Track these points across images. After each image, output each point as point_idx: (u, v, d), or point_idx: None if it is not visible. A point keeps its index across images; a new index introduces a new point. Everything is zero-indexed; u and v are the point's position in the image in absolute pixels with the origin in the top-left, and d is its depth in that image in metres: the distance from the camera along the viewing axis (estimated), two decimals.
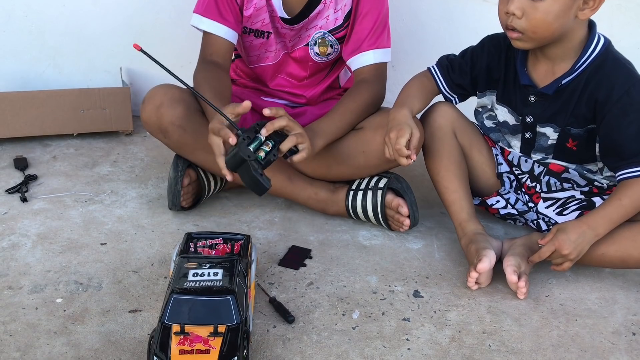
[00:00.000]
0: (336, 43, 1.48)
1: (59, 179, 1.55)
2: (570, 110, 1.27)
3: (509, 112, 1.36)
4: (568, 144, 1.31)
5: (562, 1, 1.14)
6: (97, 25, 1.83)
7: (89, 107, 1.73)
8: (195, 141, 1.36)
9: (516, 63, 1.31)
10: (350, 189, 1.42)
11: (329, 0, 1.43)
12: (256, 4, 1.43)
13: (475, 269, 1.21)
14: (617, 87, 1.21)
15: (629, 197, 1.20)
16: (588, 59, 1.23)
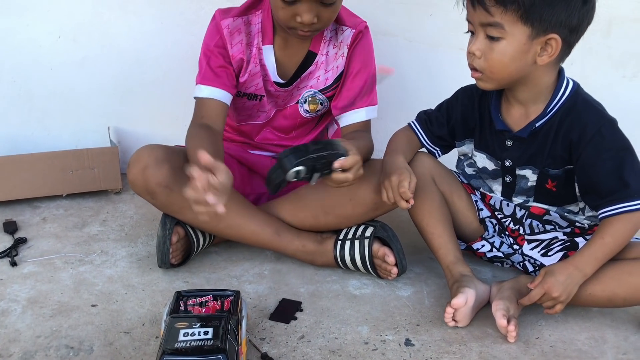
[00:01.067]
0: (326, 101, 1.54)
1: (49, 240, 1.55)
2: (546, 151, 1.31)
3: (487, 158, 1.40)
4: (547, 185, 1.34)
5: (516, 45, 1.20)
6: (85, 86, 1.86)
7: (77, 167, 1.75)
8: (182, 200, 1.37)
9: (490, 109, 1.36)
10: (337, 239, 1.44)
11: (320, 62, 1.49)
12: (251, 70, 1.48)
13: (451, 303, 1.23)
14: (589, 127, 1.25)
15: (612, 236, 1.23)
16: (559, 101, 1.28)
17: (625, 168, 1.23)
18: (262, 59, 1.48)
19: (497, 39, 1.20)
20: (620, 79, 1.92)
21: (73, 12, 1.78)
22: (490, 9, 1.18)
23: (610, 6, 1.81)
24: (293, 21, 1.34)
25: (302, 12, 1.31)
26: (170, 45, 1.83)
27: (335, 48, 1.49)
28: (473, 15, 1.22)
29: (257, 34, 1.47)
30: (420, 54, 1.87)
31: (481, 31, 1.22)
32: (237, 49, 1.46)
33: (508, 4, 1.16)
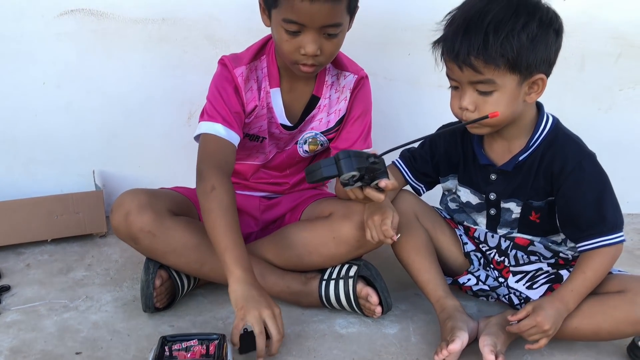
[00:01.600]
0: (327, 142, 1.57)
1: (33, 287, 1.55)
2: (529, 184, 1.34)
3: (471, 192, 1.42)
4: (531, 217, 1.37)
5: (509, 92, 1.23)
6: (69, 131, 1.88)
7: (62, 212, 1.75)
8: (165, 245, 1.39)
9: (473, 145, 1.39)
10: (322, 279, 1.45)
11: (323, 105, 1.53)
12: (257, 112, 1.50)
13: (447, 347, 1.23)
14: (570, 160, 1.29)
15: (592, 270, 1.26)
16: (541, 135, 1.32)
17: (604, 202, 1.27)
18: (269, 102, 1.50)
19: (489, 92, 1.23)
20: (596, 112, 1.97)
21: (57, 59, 1.80)
22: (480, 68, 1.20)
23: (584, 41, 1.87)
24: (297, 54, 1.36)
25: (306, 43, 1.34)
26: (153, 88, 1.85)
27: (337, 92, 1.53)
28: (460, 75, 1.24)
29: (264, 78, 1.50)
30: (399, 92, 1.91)
31: (470, 87, 1.24)
32: (250, 96, 1.47)
33: (498, 61, 1.19)
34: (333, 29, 1.34)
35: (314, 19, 1.31)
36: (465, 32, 1.20)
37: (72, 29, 1.78)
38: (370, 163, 1.14)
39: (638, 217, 2.04)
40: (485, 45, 1.18)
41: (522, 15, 1.19)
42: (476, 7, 1.22)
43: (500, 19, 1.19)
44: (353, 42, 1.84)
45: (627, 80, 1.94)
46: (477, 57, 1.19)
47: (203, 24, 1.80)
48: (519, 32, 1.18)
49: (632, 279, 1.29)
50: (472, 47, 1.19)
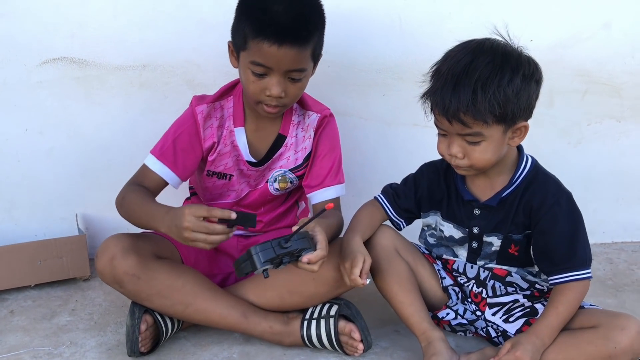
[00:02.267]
0: (296, 179, 1.62)
1: (17, 334, 1.55)
2: (510, 218, 1.41)
3: (454, 227, 1.48)
4: (510, 250, 1.44)
5: (495, 141, 1.31)
6: (52, 175, 1.90)
7: (45, 257, 1.77)
8: (150, 288, 1.42)
9: (456, 182, 1.46)
10: (304, 319, 1.48)
11: (290, 143, 1.59)
12: (220, 150, 1.57)
13: None
14: (549, 197, 1.37)
15: (564, 305, 1.32)
16: (522, 173, 1.40)
17: (576, 239, 1.35)
18: (233, 140, 1.57)
19: (477, 142, 1.30)
20: (566, 146, 2.04)
21: (40, 106, 1.84)
22: (469, 123, 1.28)
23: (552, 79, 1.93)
24: (262, 95, 1.44)
25: (272, 86, 1.42)
26: (135, 132, 1.89)
27: (303, 131, 1.59)
28: (449, 127, 1.31)
29: (229, 117, 1.57)
30: (376, 130, 1.96)
31: (458, 137, 1.32)
32: (208, 133, 1.55)
33: (487, 117, 1.26)
34: (297, 73, 1.42)
35: (280, 63, 1.39)
36: (454, 88, 1.27)
37: (54, 76, 1.82)
38: (283, 249, 1.23)
39: (610, 247, 2.10)
40: (474, 102, 1.25)
41: (507, 72, 1.27)
42: (462, 62, 1.29)
43: (487, 76, 1.26)
44: (330, 85, 1.92)
45: (594, 115, 2.02)
46: (466, 113, 1.26)
47: (183, 69, 1.84)
48: (505, 88, 1.26)
49: (604, 314, 1.35)
50: (461, 104, 1.26)
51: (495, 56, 1.28)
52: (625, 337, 1.27)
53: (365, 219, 1.52)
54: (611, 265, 1.97)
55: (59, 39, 1.79)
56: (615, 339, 1.27)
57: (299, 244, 1.26)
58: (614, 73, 1.97)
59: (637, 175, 2.08)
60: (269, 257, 1.23)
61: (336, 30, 1.85)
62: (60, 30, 1.78)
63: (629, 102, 2.00)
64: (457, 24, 1.85)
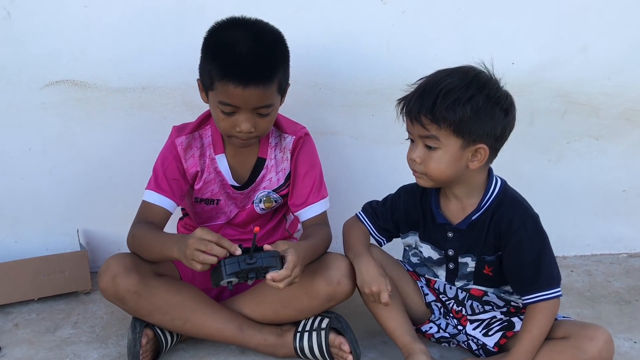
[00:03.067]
0: (279, 198, 1.70)
1: (22, 348, 1.62)
2: (482, 241, 1.48)
3: (432, 248, 1.56)
4: (485, 271, 1.51)
5: (450, 154, 1.39)
6: (54, 193, 1.97)
7: (48, 272, 1.84)
8: (150, 304, 1.49)
9: (431, 205, 1.53)
10: (296, 331, 1.56)
11: (270, 165, 1.66)
12: (205, 178, 1.64)
13: None
14: (515, 220, 1.44)
15: (537, 328, 1.41)
16: (490, 197, 1.47)
17: (542, 260, 1.42)
18: (216, 167, 1.64)
19: (434, 148, 1.39)
20: (546, 163, 2.13)
21: (43, 127, 1.91)
22: (426, 125, 1.37)
23: (532, 100, 2.04)
24: (233, 130, 1.50)
25: (240, 122, 1.49)
26: (134, 151, 1.96)
27: (280, 152, 1.67)
28: (412, 128, 1.42)
29: (208, 146, 1.64)
30: (364, 149, 2.05)
31: (420, 141, 1.41)
32: (191, 162, 1.63)
33: (441, 122, 1.36)
34: (265, 109, 1.50)
35: (247, 102, 1.46)
36: (421, 94, 1.39)
37: (57, 98, 1.89)
38: (248, 265, 1.33)
39: (589, 259, 2.19)
40: (433, 106, 1.35)
41: (472, 89, 1.36)
42: (438, 76, 1.40)
43: (452, 88, 1.36)
44: (321, 105, 2.00)
45: (573, 133, 2.10)
46: (425, 116, 1.37)
47: (180, 91, 1.92)
48: (465, 102, 1.35)
49: (575, 326, 1.43)
50: (422, 107, 1.37)
51: (467, 76, 1.38)
52: (594, 347, 1.35)
53: (360, 238, 1.59)
54: (589, 277, 2.06)
55: (62, 63, 1.87)
56: (584, 349, 1.35)
57: (266, 262, 1.33)
58: (591, 94, 2.05)
59: (614, 190, 2.17)
60: (233, 271, 1.32)
61: (327, 53, 1.95)
62: (63, 54, 1.86)
63: (606, 122, 2.08)
64: (443, 48, 1.94)
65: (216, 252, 1.32)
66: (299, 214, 1.67)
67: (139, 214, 1.61)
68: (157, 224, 1.59)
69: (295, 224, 1.85)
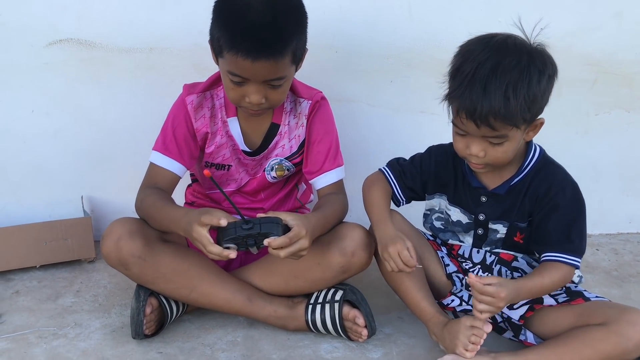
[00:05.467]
0: (292, 167, 1.61)
1: (22, 315, 1.56)
2: (517, 206, 1.42)
3: (461, 212, 1.48)
4: (515, 238, 1.44)
5: (517, 139, 1.32)
6: (58, 157, 1.90)
7: (51, 239, 1.77)
8: (155, 270, 1.42)
9: (464, 168, 1.46)
10: (308, 304, 1.48)
11: (284, 132, 1.57)
12: (217, 142, 1.55)
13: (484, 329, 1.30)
14: (555, 185, 1.38)
15: (550, 278, 1.34)
16: (530, 162, 1.41)
17: (575, 227, 1.37)
18: (228, 131, 1.56)
19: (499, 143, 1.30)
20: (573, 136, 2.03)
21: (46, 88, 1.83)
22: (497, 127, 1.26)
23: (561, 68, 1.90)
24: (243, 101, 1.42)
25: (250, 93, 1.39)
26: (141, 115, 1.88)
27: (295, 118, 1.57)
28: (474, 130, 1.29)
29: (220, 107, 1.55)
30: (383, 117, 1.95)
31: (481, 138, 1.31)
32: (201, 123, 1.54)
33: (519, 123, 1.27)
34: (276, 81, 1.40)
35: (257, 75, 1.36)
36: (484, 92, 1.24)
37: (61, 58, 1.81)
38: (244, 231, 1.25)
39: (615, 238, 2.10)
40: (506, 107, 1.23)
41: (535, 74, 1.26)
42: (488, 63, 1.25)
43: (517, 78, 1.24)
44: (338, 71, 1.91)
45: (602, 105, 2.00)
46: (497, 118, 1.25)
47: (190, 52, 1.83)
48: (534, 90, 1.26)
49: (612, 309, 1.34)
50: (492, 109, 1.24)
51: (521, 57, 1.26)
52: (637, 332, 1.27)
53: (383, 198, 1.50)
54: (616, 256, 1.97)
55: (66, 21, 1.78)
56: (627, 335, 1.27)
57: (265, 228, 1.26)
58: (624, 63, 1.95)
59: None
60: (229, 236, 1.25)
61: (344, 15, 1.86)
62: (67, 12, 1.77)
63: (639, 93, 1.98)
64: (468, 13, 1.84)
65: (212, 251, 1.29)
66: (314, 182, 1.59)
67: (146, 177, 1.54)
68: (165, 189, 1.52)
69: (308, 194, 1.77)
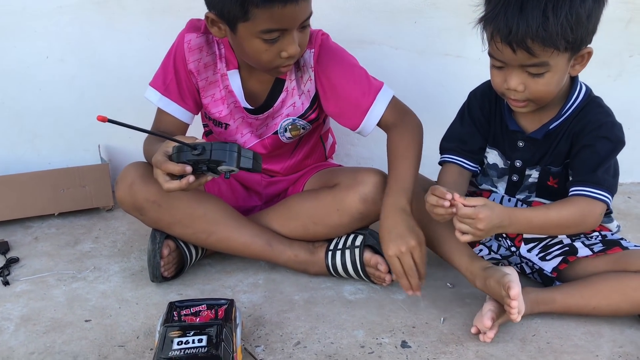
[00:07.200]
0: (307, 125, 1.49)
1: (41, 259, 1.55)
2: (553, 150, 1.32)
3: (499, 155, 1.40)
4: (549, 182, 1.35)
5: (560, 72, 1.19)
6: (74, 105, 1.87)
7: (68, 186, 1.75)
8: (171, 216, 1.38)
9: (503, 110, 1.37)
10: (328, 249, 1.44)
11: (291, 88, 1.43)
12: (214, 94, 1.44)
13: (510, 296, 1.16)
14: (592, 122, 1.27)
15: (557, 214, 1.22)
16: (573, 104, 1.29)
17: (605, 162, 1.24)
18: (228, 85, 1.43)
19: (540, 74, 1.18)
20: (605, 79, 1.94)
21: (60, 33, 1.79)
22: (536, 51, 1.14)
23: None
24: (278, 59, 1.28)
25: (288, 46, 1.26)
26: (157, 61, 1.80)
27: (300, 72, 1.42)
28: (511, 57, 1.17)
29: (221, 58, 1.42)
30: (406, 60, 1.88)
31: (519, 69, 1.19)
32: (193, 66, 1.42)
33: (558, 44, 1.13)
34: (307, 21, 1.29)
35: (297, 19, 1.24)
36: (521, 10, 1.13)
37: (74, 1, 1.76)
38: (194, 156, 1.15)
39: None
40: (545, 26, 1.11)
41: None
42: None
43: None
44: (358, 11, 1.83)
45: (637, 46, 1.91)
46: (535, 39, 1.13)
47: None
48: (578, 9, 1.13)
49: None
50: (530, 28, 1.12)
51: None
52: None
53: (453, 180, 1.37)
54: None
55: None
56: None
57: (215, 155, 1.15)
58: None
59: None
60: (180, 160, 1.17)
61: None
62: None
63: None
64: None
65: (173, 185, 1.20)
66: (365, 126, 1.42)
67: (154, 121, 1.48)
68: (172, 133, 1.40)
69: (334, 147, 1.70)
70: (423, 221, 1.32)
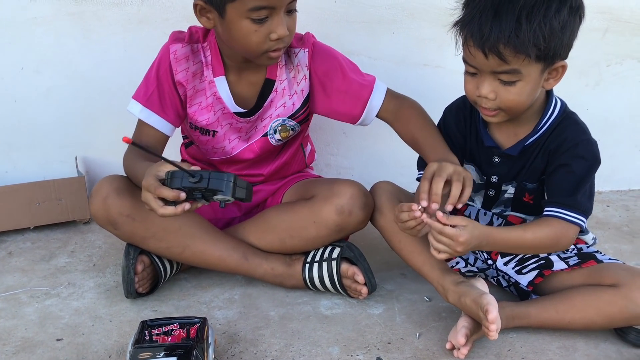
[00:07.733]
0: (297, 125, 1.49)
1: (14, 275, 1.53)
2: (528, 167, 1.31)
3: (475, 170, 1.39)
4: (524, 198, 1.35)
5: (532, 83, 1.19)
6: (50, 117, 1.85)
7: (44, 199, 1.73)
8: (145, 230, 1.37)
9: (478, 125, 1.36)
10: (305, 262, 1.43)
11: (281, 88, 1.44)
12: (201, 102, 1.44)
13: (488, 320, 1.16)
14: (568, 140, 1.26)
15: (533, 235, 1.23)
16: (549, 120, 1.29)
17: (582, 185, 1.24)
18: (215, 92, 1.43)
19: (512, 82, 1.18)
20: (583, 88, 1.95)
21: (36, 44, 1.77)
22: (507, 57, 1.14)
23: None
24: (267, 42, 1.29)
25: (277, 27, 1.27)
26: (134, 72, 1.78)
27: (292, 71, 1.44)
28: (483, 63, 1.17)
29: (207, 65, 1.42)
30: (384, 71, 1.87)
31: (491, 76, 1.19)
32: (182, 76, 1.41)
33: (529, 51, 1.13)
34: (294, 4, 1.30)
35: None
36: (495, 16, 1.13)
37: (49, 12, 1.74)
38: (190, 183, 1.14)
39: (626, 194, 2.03)
40: (517, 32, 1.11)
41: (554, 1, 1.14)
42: None
43: (533, 4, 1.12)
44: (337, 22, 1.83)
45: (614, 55, 1.92)
46: (507, 45, 1.13)
47: (182, 4, 1.76)
48: (552, 19, 1.12)
49: (625, 272, 1.26)
50: (502, 34, 1.12)
51: None
52: None
53: None
54: (627, 212, 1.90)
55: None
56: (636, 300, 1.19)
57: (213, 184, 1.15)
58: (637, 10, 1.85)
59: None
60: (175, 186, 1.15)
61: None
62: None
63: None
64: None
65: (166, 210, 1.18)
66: (367, 117, 1.46)
67: (134, 133, 1.46)
68: (152, 145, 1.41)
69: (313, 154, 1.70)
70: (394, 230, 1.33)
